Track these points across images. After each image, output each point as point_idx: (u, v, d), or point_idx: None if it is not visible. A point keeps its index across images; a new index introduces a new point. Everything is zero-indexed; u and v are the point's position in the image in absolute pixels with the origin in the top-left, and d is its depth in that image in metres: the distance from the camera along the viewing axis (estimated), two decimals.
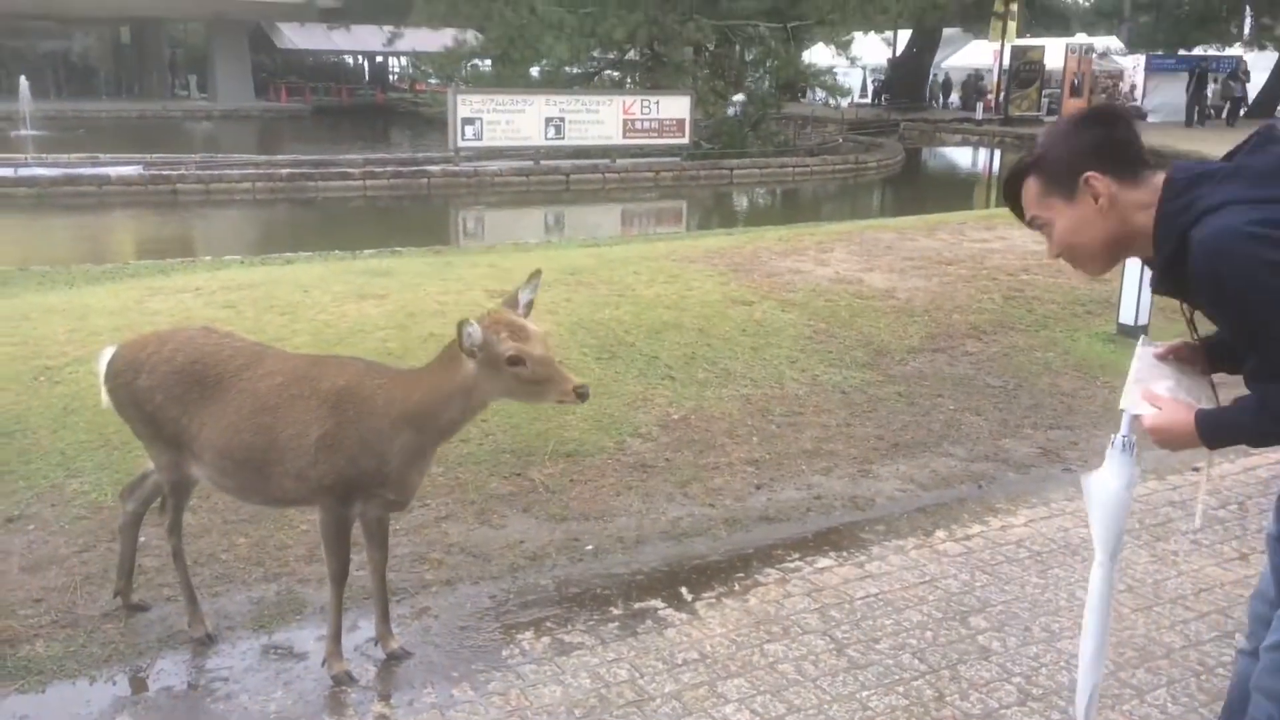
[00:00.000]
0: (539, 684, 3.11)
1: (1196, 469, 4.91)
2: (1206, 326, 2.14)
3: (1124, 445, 2.17)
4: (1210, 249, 1.82)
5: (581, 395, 2.73)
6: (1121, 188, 1.96)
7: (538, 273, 2.95)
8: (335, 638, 3.10)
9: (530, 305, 2.90)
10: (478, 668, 3.20)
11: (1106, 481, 2.18)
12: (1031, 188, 2.04)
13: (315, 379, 2.95)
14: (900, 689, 3.13)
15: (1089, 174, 1.95)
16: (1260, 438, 1.97)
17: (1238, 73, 33.37)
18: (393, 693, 3.07)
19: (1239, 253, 1.79)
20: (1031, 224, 2.08)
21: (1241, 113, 32.25)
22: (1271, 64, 35.06)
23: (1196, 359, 2.19)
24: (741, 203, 21.68)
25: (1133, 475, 2.18)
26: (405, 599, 3.58)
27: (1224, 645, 3.39)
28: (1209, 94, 32.72)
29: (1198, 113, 31.73)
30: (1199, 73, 32.42)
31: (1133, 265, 6.72)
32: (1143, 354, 2.21)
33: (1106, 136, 1.98)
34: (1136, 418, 2.11)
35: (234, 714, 2.95)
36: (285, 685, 3.08)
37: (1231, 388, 2.09)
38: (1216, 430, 1.98)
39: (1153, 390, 2.10)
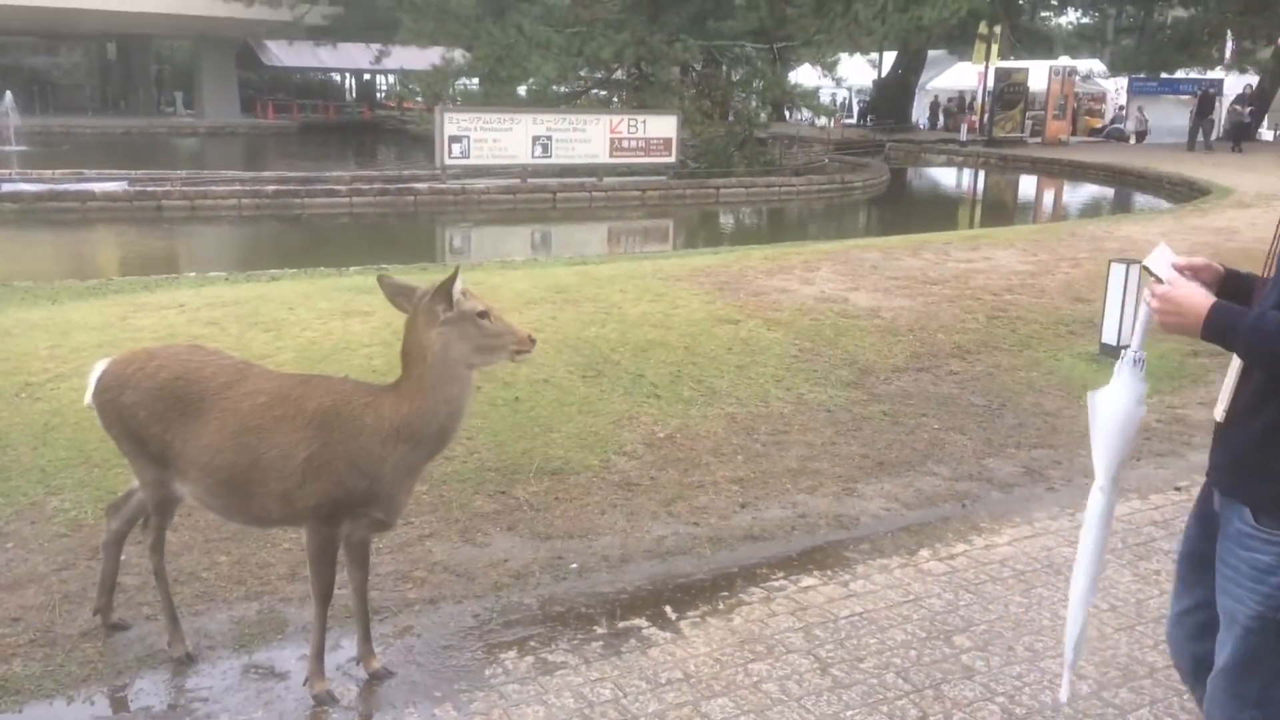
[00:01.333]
0: (522, 703, 3.10)
1: (1178, 489, 4.94)
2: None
3: (1134, 361, 2.11)
4: None
5: (532, 341, 2.97)
6: None
7: (457, 268, 3.03)
8: (318, 656, 3.08)
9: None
10: (461, 687, 3.18)
11: (1115, 398, 2.12)
12: None
13: (301, 399, 2.94)
14: (884, 709, 3.12)
15: None
16: (1264, 356, 1.95)
17: (1245, 96, 31.95)
18: (375, 713, 3.05)
19: None
20: None
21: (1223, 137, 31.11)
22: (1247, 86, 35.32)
23: (1210, 284, 2.15)
24: (728, 222, 21.75)
25: (1141, 391, 2.12)
26: (388, 618, 3.56)
27: None
28: (1215, 119, 30.71)
29: (1202, 137, 29.68)
30: (1203, 95, 30.87)
31: (1115, 285, 6.77)
32: (1162, 251, 2.15)
33: None
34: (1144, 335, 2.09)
35: None
36: (266, 705, 3.05)
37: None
38: (1224, 323, 1.96)
39: (1173, 271, 2.07)
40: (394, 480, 2.95)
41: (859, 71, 41.32)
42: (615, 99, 26.40)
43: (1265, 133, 34.45)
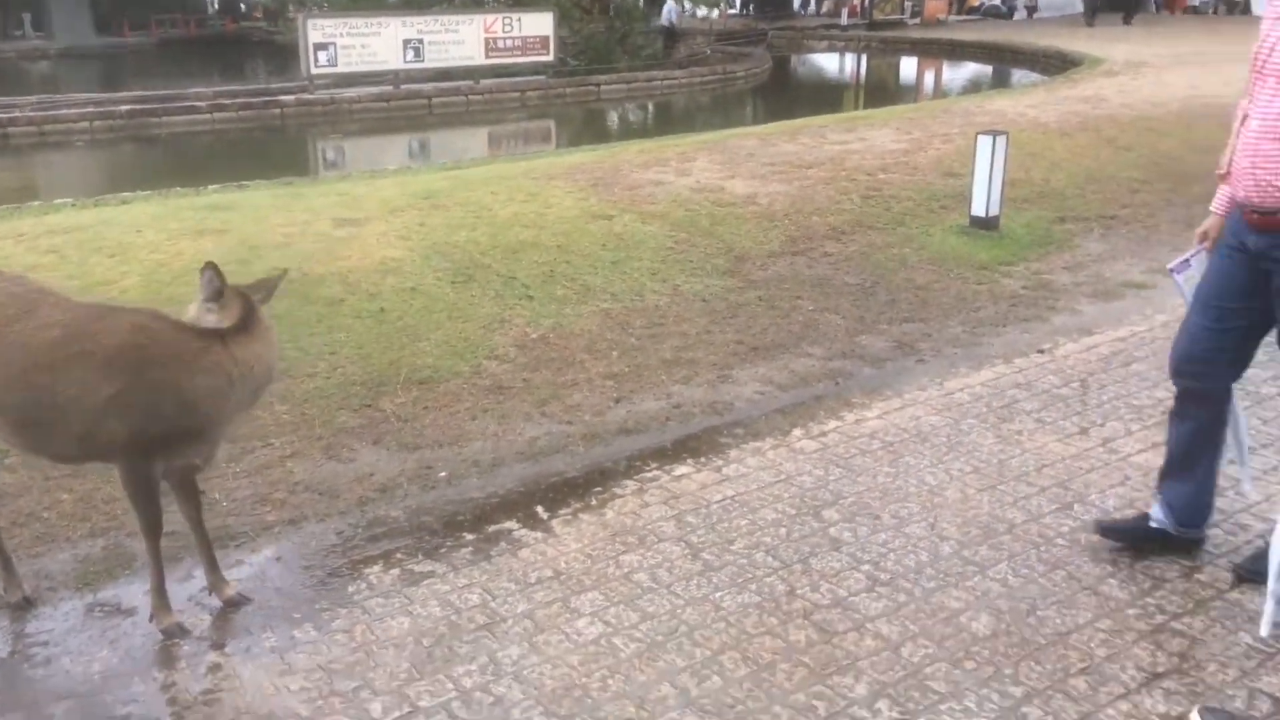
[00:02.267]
0: (386, 617, 3.01)
1: (1041, 351, 5.04)
2: None
3: None
4: None
5: None
6: None
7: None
8: (159, 591, 2.92)
9: None
10: (321, 606, 3.07)
11: None
12: None
13: (98, 334, 2.70)
14: (753, 587, 3.13)
15: None
16: None
17: None
18: (228, 641, 2.92)
19: None
20: None
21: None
22: None
23: None
24: (610, 119, 21.36)
25: None
26: (245, 543, 3.42)
27: (1063, 517, 3.49)
28: None
29: (1093, 10, 29.33)
30: None
31: (982, 157, 6.81)
32: None
33: None
34: None
35: (54, 678, 2.77)
36: (111, 643, 2.90)
37: None
38: None
39: None
40: (228, 419, 2.86)
41: None
42: None
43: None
